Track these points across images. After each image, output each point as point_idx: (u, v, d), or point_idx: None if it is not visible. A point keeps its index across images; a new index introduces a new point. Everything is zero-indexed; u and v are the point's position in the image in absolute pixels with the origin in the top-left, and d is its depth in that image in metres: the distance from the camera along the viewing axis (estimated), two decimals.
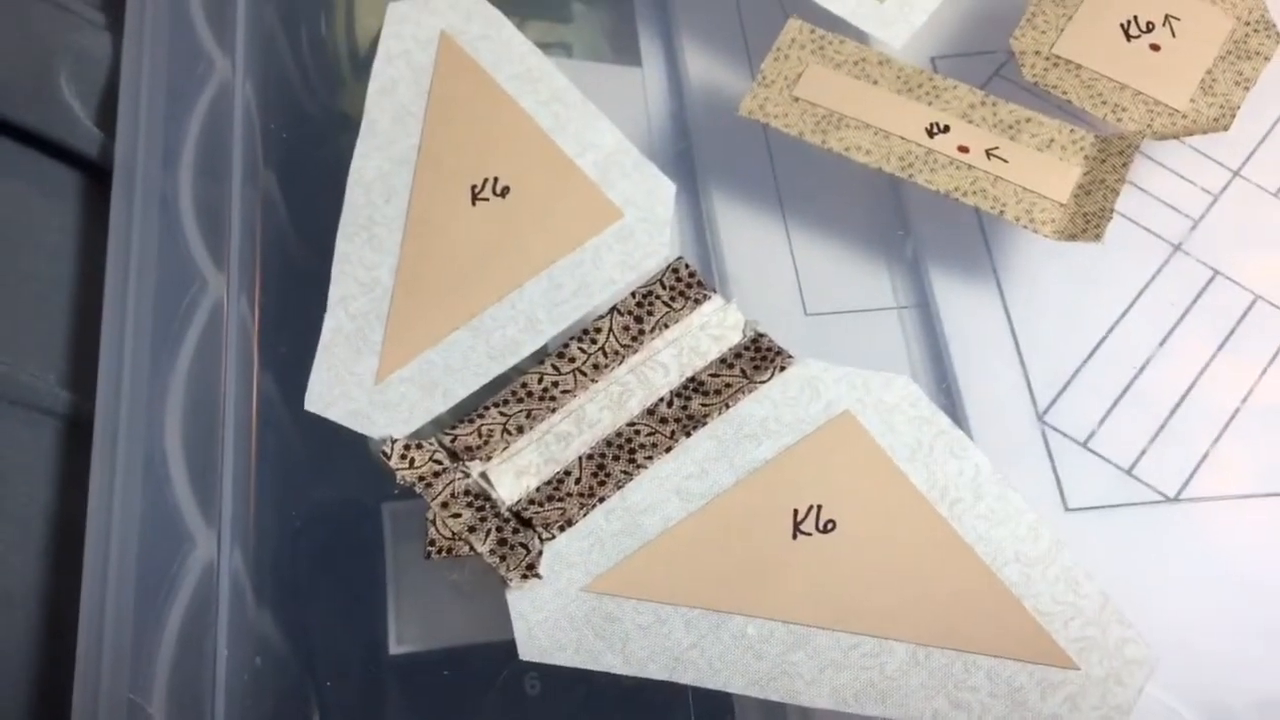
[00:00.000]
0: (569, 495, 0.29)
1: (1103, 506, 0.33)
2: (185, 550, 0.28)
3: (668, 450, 0.29)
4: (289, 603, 0.31)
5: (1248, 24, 0.36)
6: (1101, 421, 0.34)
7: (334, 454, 0.35)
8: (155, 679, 0.27)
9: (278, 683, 0.29)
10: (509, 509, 0.29)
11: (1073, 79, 0.35)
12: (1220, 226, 0.37)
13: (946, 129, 0.34)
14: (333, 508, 0.34)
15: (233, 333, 0.32)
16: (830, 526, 0.29)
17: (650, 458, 0.29)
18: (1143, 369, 0.35)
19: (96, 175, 0.35)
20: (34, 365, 0.31)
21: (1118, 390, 0.35)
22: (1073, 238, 0.33)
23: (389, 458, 0.30)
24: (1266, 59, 0.35)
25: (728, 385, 0.30)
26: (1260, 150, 0.39)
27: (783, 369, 0.30)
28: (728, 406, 0.30)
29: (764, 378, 0.30)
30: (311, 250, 0.37)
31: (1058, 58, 0.35)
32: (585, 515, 0.29)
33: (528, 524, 0.29)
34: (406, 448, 0.30)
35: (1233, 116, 0.34)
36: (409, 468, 0.30)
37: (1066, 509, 0.33)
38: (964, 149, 0.34)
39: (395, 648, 0.32)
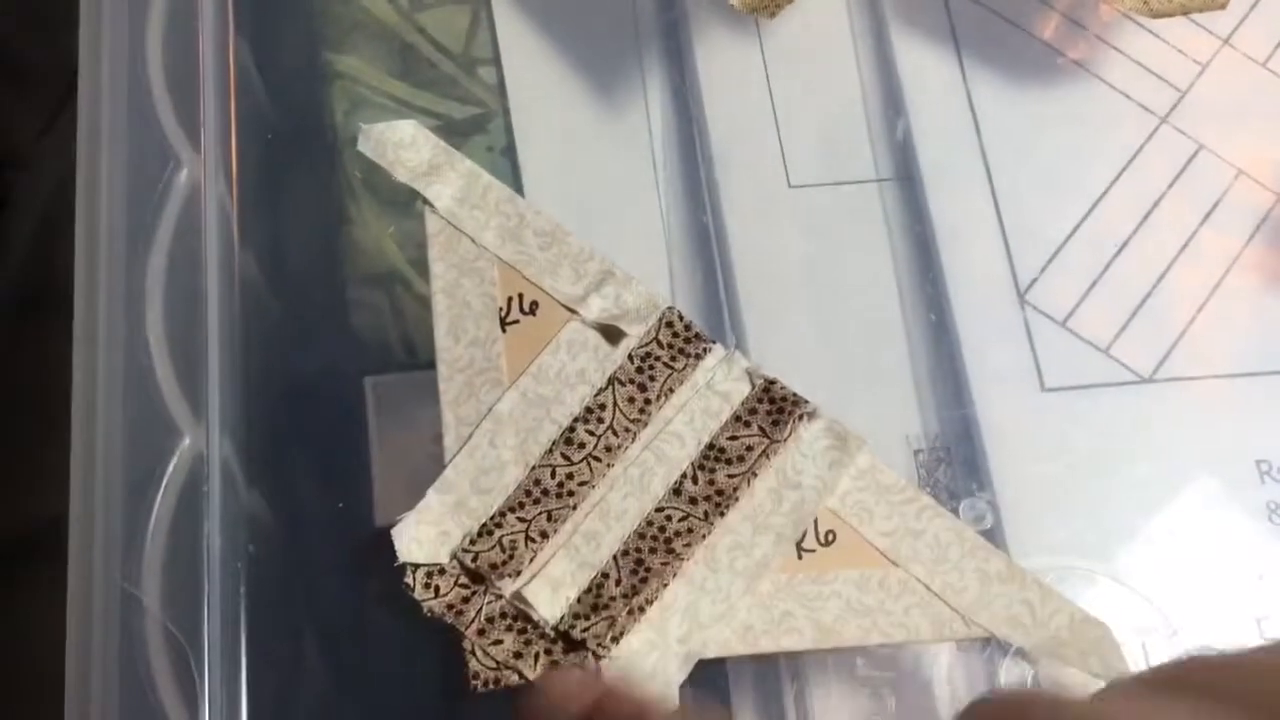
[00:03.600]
0: (612, 600, 0.27)
1: (1079, 386, 0.34)
2: (173, 442, 0.28)
3: (704, 537, 0.28)
4: (277, 483, 0.32)
5: None
6: (1081, 301, 0.34)
7: (317, 330, 0.35)
8: (147, 569, 0.27)
9: (269, 565, 0.30)
10: (553, 628, 0.27)
11: None
12: (1207, 98, 0.37)
13: None
14: (316, 382, 0.34)
15: (211, 214, 0.31)
16: (831, 538, 0.29)
17: (689, 545, 0.28)
18: (1123, 247, 0.35)
19: None
20: None
21: (1098, 269, 0.35)
22: (753, 11, 0.33)
23: (412, 589, 0.28)
24: None
25: (749, 449, 0.29)
26: (1251, 16, 0.38)
27: (801, 419, 0.29)
28: (755, 475, 0.29)
29: (783, 435, 0.29)
30: (287, 115, 0.36)
31: None
32: (634, 621, 0.27)
33: (579, 644, 0.27)
34: (430, 575, 0.28)
35: None
36: (434, 596, 0.28)
37: (1044, 389, 0.34)
38: None
39: (381, 519, 0.33)
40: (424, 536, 0.28)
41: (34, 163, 0.40)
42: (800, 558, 0.28)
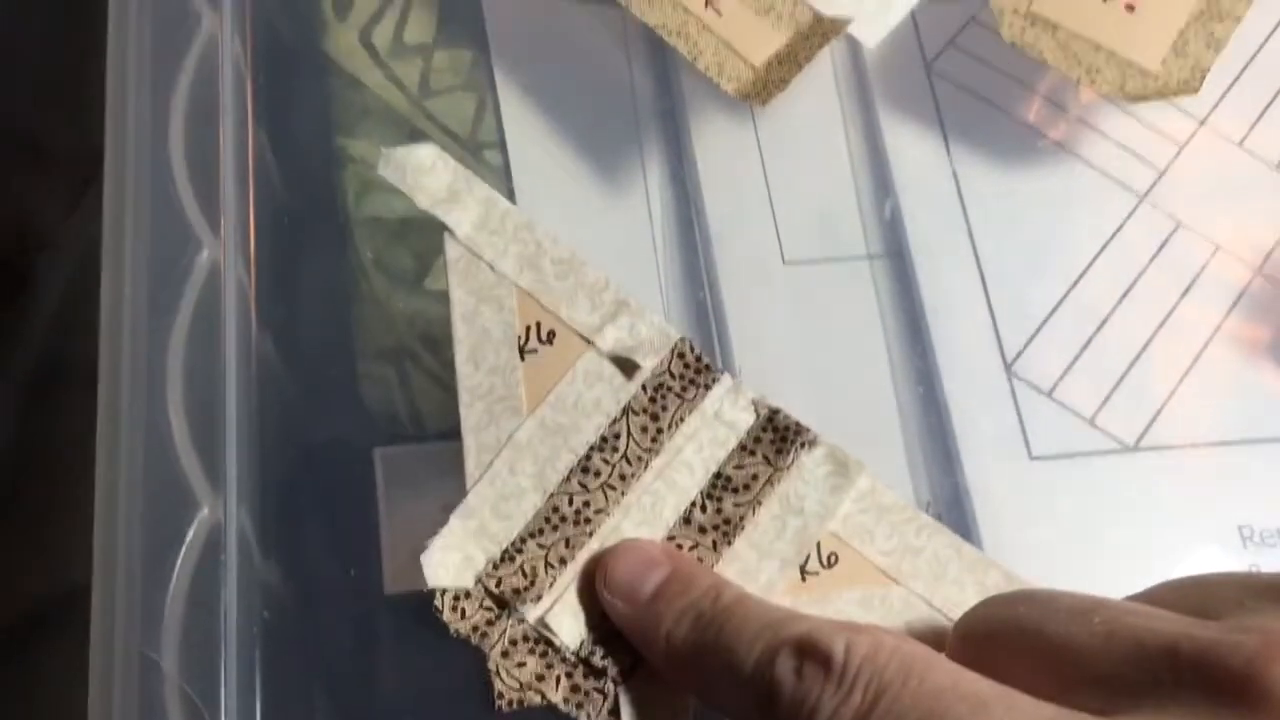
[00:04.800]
0: None
1: (1065, 455, 0.35)
2: (192, 512, 0.29)
3: (713, 564, 0.29)
4: (291, 552, 0.33)
5: None
6: (1065, 372, 0.36)
7: (329, 403, 0.36)
8: (166, 635, 0.28)
9: (283, 631, 0.31)
10: (574, 654, 0.28)
11: (1049, 39, 0.36)
12: (1185, 177, 0.39)
13: None
14: (328, 454, 0.36)
15: (230, 294, 0.32)
16: (833, 559, 0.30)
17: None
18: (1106, 320, 0.36)
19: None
20: None
21: (1082, 341, 0.36)
22: (746, 98, 0.35)
23: (440, 611, 0.29)
24: (1238, 19, 0.36)
25: (754, 478, 0.30)
26: (1228, 97, 0.40)
27: (803, 447, 0.30)
28: (760, 503, 0.30)
29: (787, 463, 0.30)
30: (302, 198, 0.38)
31: (1036, 16, 0.36)
32: None
33: (599, 670, 0.28)
34: (456, 598, 0.29)
35: (1202, 79, 0.35)
36: (460, 619, 0.29)
37: (1031, 457, 0.35)
38: None
39: (390, 587, 0.34)
40: (449, 561, 0.29)
41: (58, 243, 0.42)
42: (804, 580, 0.29)
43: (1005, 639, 0.25)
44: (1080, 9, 0.36)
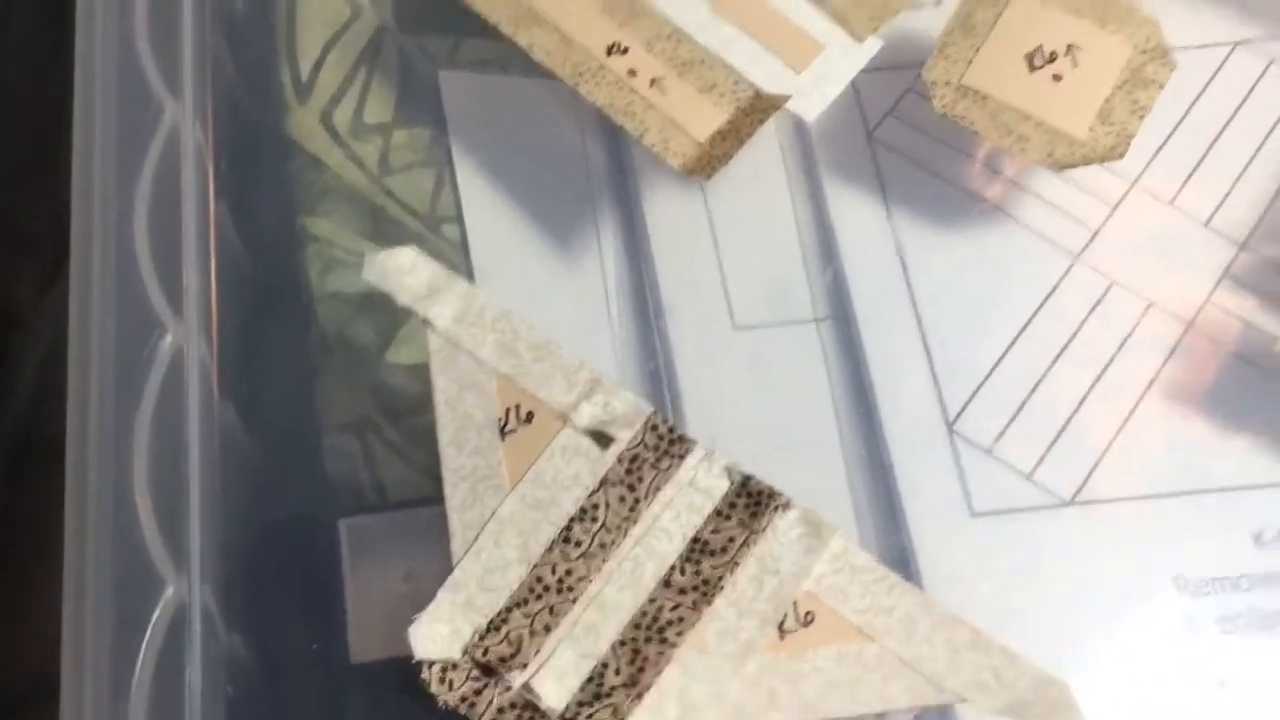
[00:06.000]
0: (614, 689, 0.29)
1: (1005, 511, 0.36)
2: (157, 591, 0.30)
3: (694, 625, 0.30)
4: (256, 625, 0.34)
5: (1144, 51, 0.38)
6: (1005, 429, 0.37)
7: (292, 474, 0.37)
8: (134, 712, 0.29)
9: (249, 705, 0.32)
10: (560, 716, 0.29)
11: (980, 110, 0.37)
12: (1118, 236, 0.40)
13: (625, 51, 0.37)
14: (292, 527, 0.37)
15: (194, 375, 0.34)
16: (810, 618, 0.30)
17: (681, 633, 0.30)
18: (1043, 378, 0.38)
19: None
20: None
21: (1020, 398, 0.37)
22: (691, 174, 0.36)
23: (429, 684, 0.30)
24: (1161, 86, 0.37)
25: (731, 540, 0.31)
26: (1159, 157, 0.42)
27: (777, 510, 0.31)
28: (737, 564, 0.31)
29: (761, 525, 0.31)
30: (266, 277, 0.39)
31: (966, 88, 0.37)
32: (635, 706, 0.29)
33: None
34: (444, 669, 0.30)
35: (1128, 145, 0.37)
36: (449, 690, 0.29)
37: (972, 514, 0.36)
38: (633, 73, 0.37)
39: (357, 657, 0.35)
40: (437, 634, 0.30)
41: (32, 323, 0.43)
42: (782, 638, 0.30)
43: None
44: (1009, 80, 0.37)
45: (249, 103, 0.41)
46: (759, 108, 0.37)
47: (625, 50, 0.37)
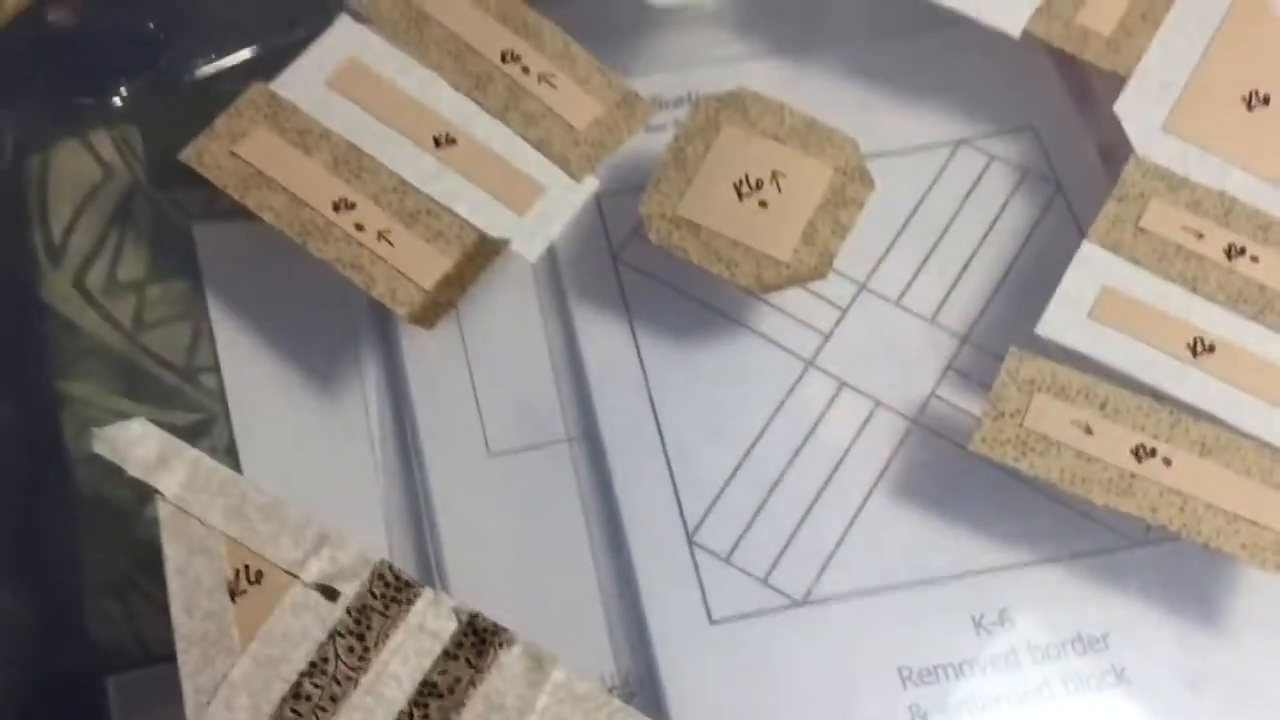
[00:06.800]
0: None
1: (742, 616, 0.38)
2: None
3: None
4: None
5: (844, 173, 0.40)
6: (741, 536, 0.39)
7: (57, 633, 0.38)
8: None
9: None
10: None
11: (693, 240, 0.39)
12: (848, 339, 0.43)
13: (354, 206, 0.39)
14: (61, 685, 0.38)
15: None
16: None
17: None
18: (777, 483, 0.40)
19: None
20: None
21: (756, 505, 0.40)
22: (416, 323, 0.38)
23: None
24: (860, 205, 0.40)
25: (458, 681, 0.32)
26: (887, 259, 0.44)
27: (501, 646, 0.33)
28: (464, 705, 0.32)
29: (487, 663, 0.32)
30: (24, 442, 0.40)
31: (680, 219, 0.40)
32: None
33: None
34: None
35: (830, 263, 0.39)
36: None
37: (712, 621, 0.38)
38: (360, 227, 0.39)
39: None
40: None
41: None
42: None
43: None
44: (719, 209, 0.40)
45: (2, 270, 0.42)
46: (483, 252, 0.39)
47: (353, 206, 0.39)
